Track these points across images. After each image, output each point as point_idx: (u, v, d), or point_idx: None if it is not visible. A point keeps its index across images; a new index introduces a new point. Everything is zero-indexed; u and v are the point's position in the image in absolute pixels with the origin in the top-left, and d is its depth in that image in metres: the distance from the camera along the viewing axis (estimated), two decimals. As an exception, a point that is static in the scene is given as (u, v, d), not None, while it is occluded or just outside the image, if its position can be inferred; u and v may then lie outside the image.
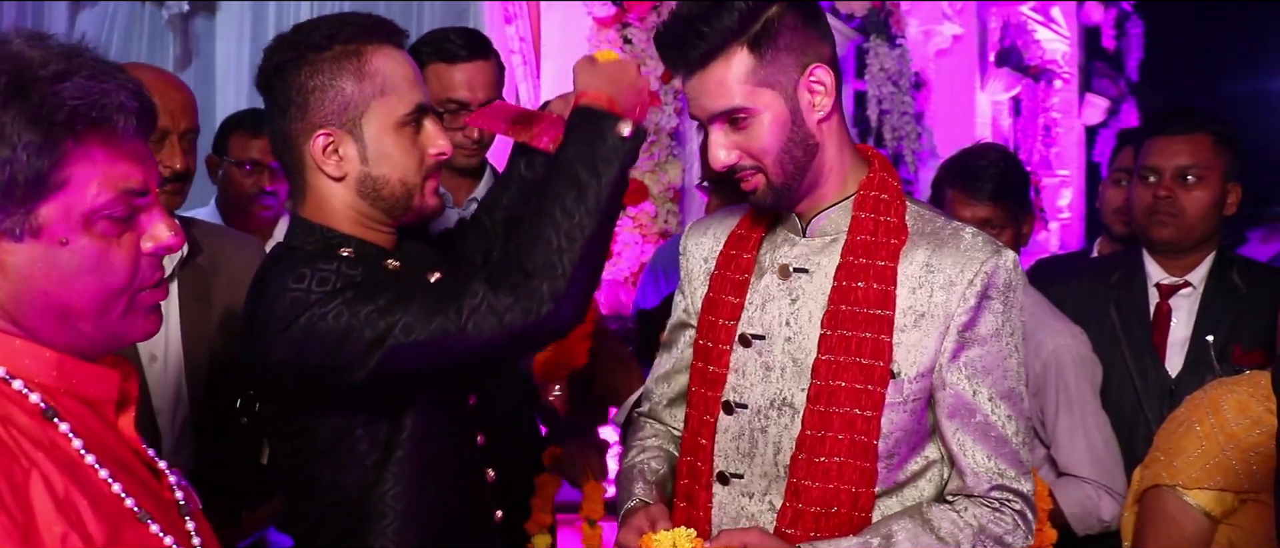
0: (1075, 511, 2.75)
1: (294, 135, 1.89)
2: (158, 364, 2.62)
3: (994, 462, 1.89)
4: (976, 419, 1.89)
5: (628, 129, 1.81)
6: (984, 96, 8.05)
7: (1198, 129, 3.03)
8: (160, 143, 2.57)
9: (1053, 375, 2.82)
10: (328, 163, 1.88)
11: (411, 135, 1.91)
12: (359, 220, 1.92)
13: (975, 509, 1.89)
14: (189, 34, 5.91)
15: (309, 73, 1.86)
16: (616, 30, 4.64)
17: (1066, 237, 8.85)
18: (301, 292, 1.76)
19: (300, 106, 1.87)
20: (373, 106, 1.87)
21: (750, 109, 1.85)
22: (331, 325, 1.74)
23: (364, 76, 1.87)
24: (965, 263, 1.88)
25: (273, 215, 4.01)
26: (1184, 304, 3.07)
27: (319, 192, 1.92)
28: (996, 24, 8.13)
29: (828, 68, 1.89)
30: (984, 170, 2.91)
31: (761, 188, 1.91)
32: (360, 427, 1.85)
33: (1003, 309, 1.89)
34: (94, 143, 1.28)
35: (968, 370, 1.88)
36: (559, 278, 1.75)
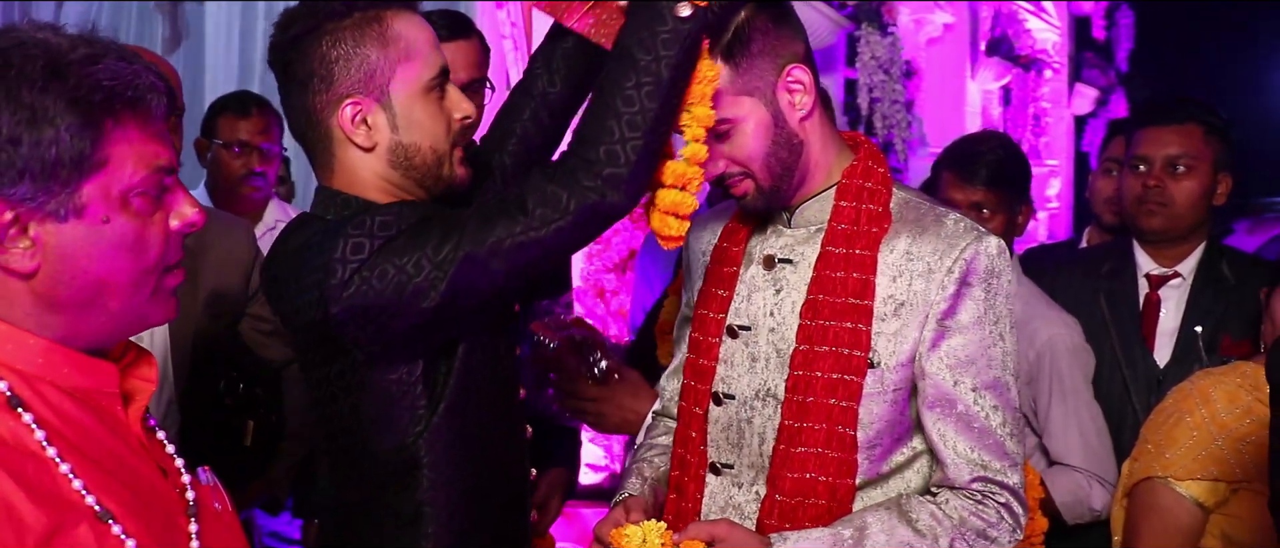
0: (1066, 499, 2.76)
1: (318, 108, 1.82)
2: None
3: (976, 453, 1.86)
4: (958, 410, 1.86)
5: (687, 9, 1.71)
6: (974, 85, 8.05)
7: (1188, 119, 3.04)
8: None
9: (1047, 365, 2.82)
10: (357, 133, 1.81)
11: (437, 100, 1.85)
12: (391, 191, 1.85)
13: (957, 501, 1.86)
14: (177, 17, 5.88)
15: (330, 42, 1.79)
16: (608, 16, 4.62)
17: (1055, 226, 8.88)
18: (364, 235, 1.70)
19: (324, 78, 1.80)
20: (398, 73, 1.81)
21: (732, 119, 1.83)
22: (401, 254, 1.68)
23: (387, 42, 1.80)
24: (945, 249, 1.85)
25: (262, 197, 4.01)
26: (1173, 295, 3.08)
27: (348, 164, 1.84)
28: (987, 13, 8.14)
29: (804, 66, 1.87)
30: (981, 156, 2.91)
31: (751, 193, 1.90)
32: (411, 383, 1.80)
33: (985, 296, 1.86)
34: (130, 123, 1.31)
35: (949, 360, 1.85)
36: (622, 166, 1.70)
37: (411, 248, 1.69)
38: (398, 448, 1.80)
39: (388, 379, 1.79)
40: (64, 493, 1.25)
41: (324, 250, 1.72)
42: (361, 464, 1.84)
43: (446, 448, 1.82)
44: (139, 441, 1.40)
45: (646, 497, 2.03)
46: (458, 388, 1.83)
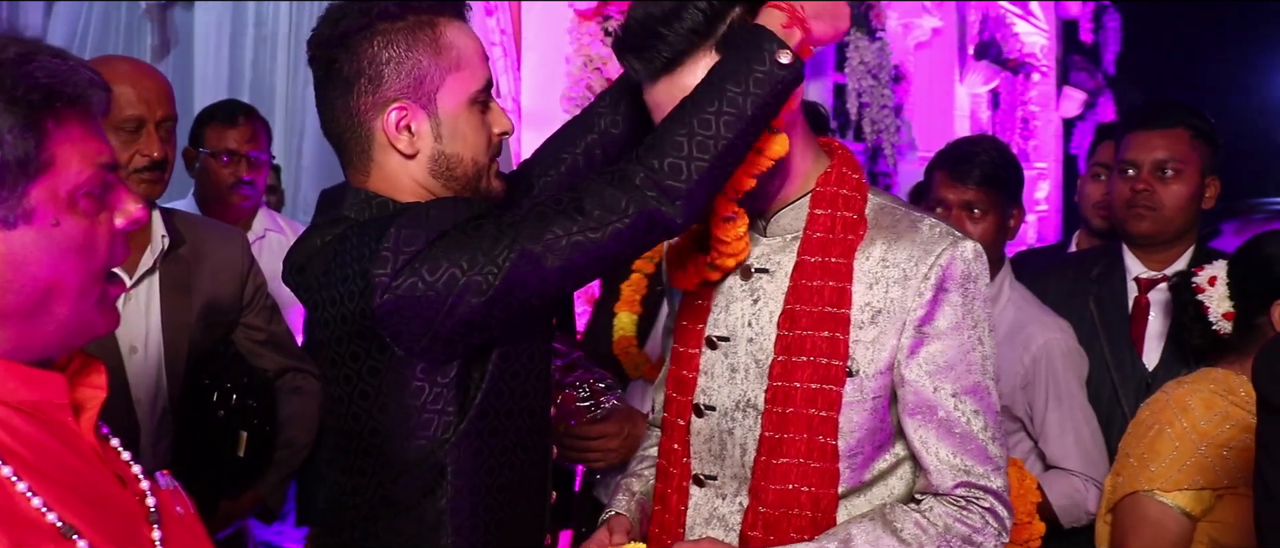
0: (1063, 503, 2.76)
1: (362, 109, 1.77)
2: (138, 355, 2.62)
3: (959, 458, 1.83)
4: (939, 416, 1.83)
5: (787, 57, 1.67)
6: (963, 89, 8.08)
7: (1176, 123, 3.05)
8: (137, 132, 2.56)
9: (1042, 369, 2.83)
10: (400, 139, 1.77)
11: (480, 113, 1.82)
12: (427, 199, 1.80)
13: (941, 509, 1.83)
14: (166, 25, 5.86)
15: (382, 43, 1.75)
16: (598, 22, 4.63)
17: (1043, 229, 8.91)
18: (418, 226, 1.66)
19: (372, 79, 1.75)
20: (448, 82, 1.78)
21: None
22: (455, 249, 1.64)
23: (439, 50, 1.77)
24: (920, 256, 1.82)
25: (251, 205, 4.00)
26: (1162, 298, 3.09)
27: (387, 169, 1.80)
28: (975, 17, 8.16)
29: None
30: (974, 157, 2.92)
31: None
32: (444, 386, 1.75)
33: (962, 301, 1.83)
34: (72, 121, 1.27)
35: (927, 367, 1.83)
36: (682, 181, 1.66)
37: (466, 245, 1.65)
38: (425, 453, 1.76)
39: (421, 381, 1.73)
40: (23, 512, 1.20)
41: (370, 240, 1.67)
42: (383, 467, 1.79)
43: (474, 456, 1.78)
44: (93, 451, 1.35)
45: (633, 513, 2.02)
46: (490, 395, 1.78)
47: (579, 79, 4.57)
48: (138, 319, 2.64)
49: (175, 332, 2.67)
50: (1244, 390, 2.34)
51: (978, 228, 2.87)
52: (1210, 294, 2.59)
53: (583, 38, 4.61)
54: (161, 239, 2.68)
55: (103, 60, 2.77)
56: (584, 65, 4.61)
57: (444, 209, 1.70)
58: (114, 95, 2.52)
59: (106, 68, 2.63)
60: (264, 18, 5.96)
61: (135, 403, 2.61)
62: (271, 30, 5.95)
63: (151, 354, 2.64)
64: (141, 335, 2.64)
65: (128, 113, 2.55)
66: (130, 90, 2.56)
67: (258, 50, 5.96)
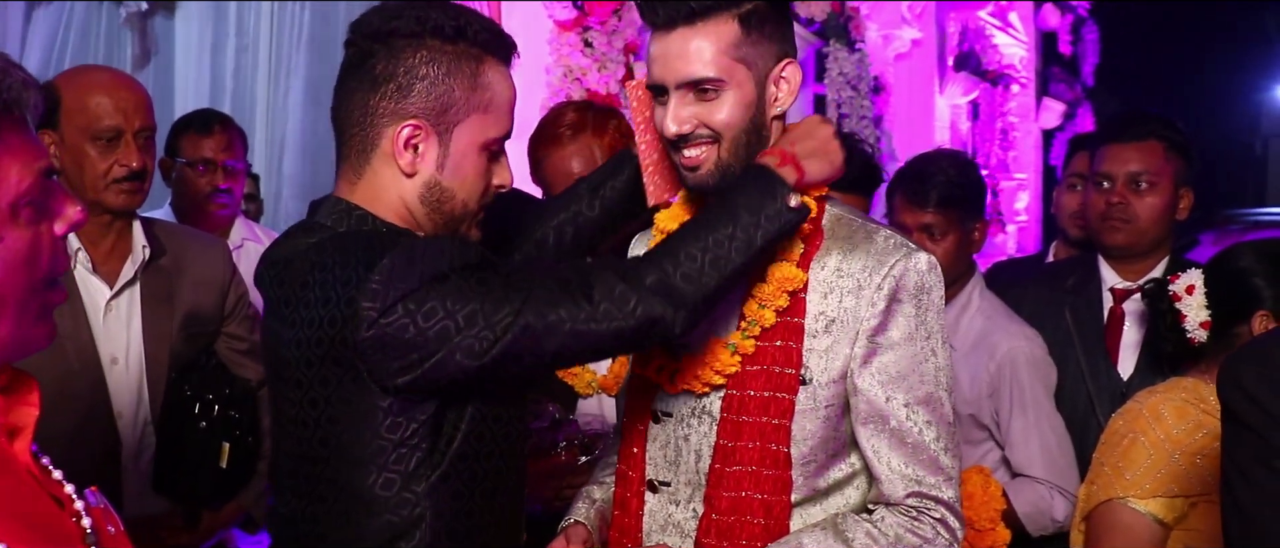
0: (1028, 511, 2.77)
1: (379, 112, 1.75)
2: (119, 366, 2.62)
3: (911, 468, 1.84)
4: (891, 426, 1.85)
5: (795, 201, 1.76)
6: (942, 100, 8.11)
7: (1149, 136, 3.07)
8: (115, 142, 2.56)
9: (1007, 377, 2.85)
10: (403, 156, 1.75)
11: (488, 160, 1.81)
12: (408, 221, 1.79)
13: (893, 519, 1.84)
14: (147, 33, 5.83)
15: (425, 58, 1.73)
16: (577, 33, 4.64)
17: (1023, 239, 8.95)
18: (412, 261, 1.62)
19: (402, 87, 1.73)
20: (472, 119, 1.76)
21: (722, 82, 1.82)
22: (453, 298, 1.61)
23: (475, 86, 1.76)
24: (874, 266, 1.84)
25: (228, 214, 4.00)
26: (1137, 308, 3.11)
27: (379, 180, 1.77)
28: (955, 29, 8.20)
29: (796, 67, 1.89)
30: (931, 178, 2.94)
31: (710, 164, 1.85)
32: (416, 427, 1.71)
33: (915, 312, 1.84)
34: (9, 129, 1.23)
35: (880, 377, 1.84)
36: (693, 290, 1.71)
37: (466, 296, 1.62)
38: (395, 493, 1.71)
39: (393, 417, 1.69)
40: None
41: (355, 264, 1.63)
42: (347, 500, 1.73)
43: (452, 500, 1.74)
44: (30, 473, 1.31)
45: (592, 521, 2.03)
46: (468, 439, 1.76)
47: (559, 89, 4.58)
48: (118, 330, 2.64)
49: (156, 343, 2.66)
50: (1215, 399, 2.35)
51: (939, 248, 2.89)
52: (1187, 302, 2.61)
53: (563, 48, 4.62)
54: (142, 249, 2.67)
55: (79, 70, 2.77)
56: (564, 76, 4.61)
57: (441, 249, 1.67)
58: (92, 105, 2.54)
59: (83, 78, 2.64)
60: (245, 27, 5.94)
61: (117, 416, 2.60)
62: (253, 39, 5.92)
63: (133, 366, 2.64)
64: (123, 347, 2.63)
65: (106, 123, 2.55)
66: (108, 100, 2.56)
67: (239, 59, 5.94)
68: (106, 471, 2.58)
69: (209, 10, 5.94)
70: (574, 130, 2.77)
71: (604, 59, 4.62)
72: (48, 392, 2.49)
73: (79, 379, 2.55)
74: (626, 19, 4.69)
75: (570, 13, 4.63)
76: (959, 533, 1.87)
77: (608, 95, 4.60)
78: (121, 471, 2.61)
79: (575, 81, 4.59)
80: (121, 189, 2.58)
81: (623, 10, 4.66)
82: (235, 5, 5.94)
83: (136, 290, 2.67)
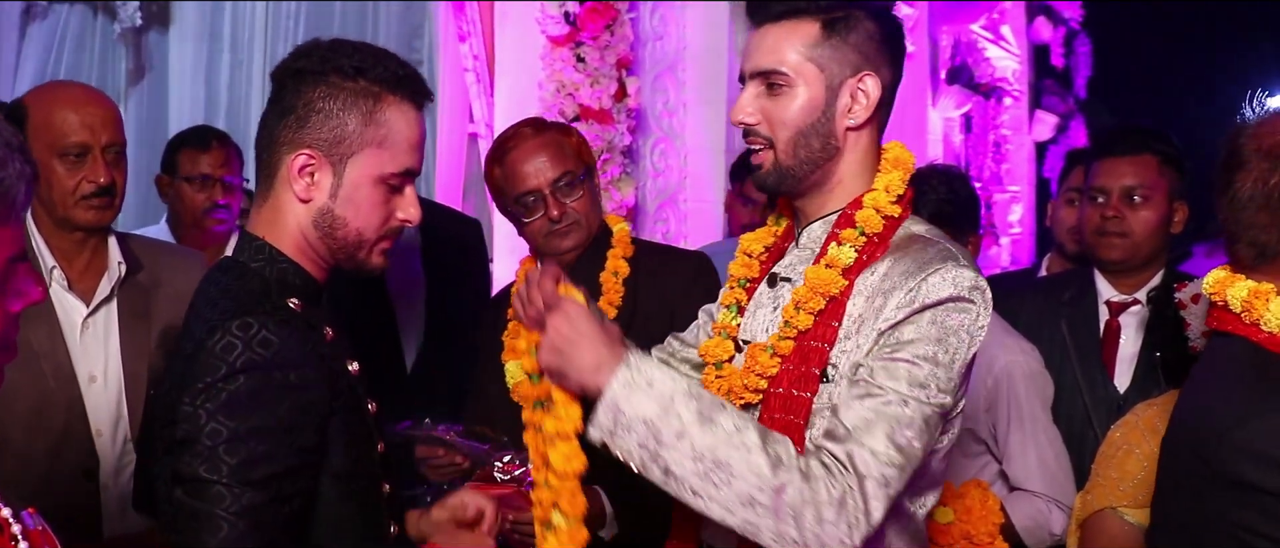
0: (1026, 524, 2.77)
1: (280, 141, 1.85)
2: (97, 384, 2.59)
3: (861, 427, 1.75)
4: (864, 390, 1.79)
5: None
6: (935, 113, 8.11)
7: (1143, 150, 3.09)
8: (82, 158, 2.55)
9: (1004, 391, 2.85)
10: (298, 182, 1.83)
11: (387, 193, 1.88)
12: (304, 247, 1.88)
13: (815, 460, 1.74)
14: (142, 47, 5.84)
15: (324, 93, 1.82)
16: (570, 48, 4.64)
17: (1017, 252, 8.94)
18: (241, 347, 1.69)
19: (299, 119, 1.82)
20: (366, 153, 1.84)
21: (790, 78, 1.89)
22: (244, 425, 1.67)
23: (371, 121, 1.84)
24: (914, 271, 1.83)
25: (226, 230, 4.00)
26: (1132, 321, 3.12)
27: (279, 205, 1.87)
28: (947, 42, 8.20)
29: (879, 83, 1.92)
30: (922, 195, 2.93)
31: (768, 164, 1.94)
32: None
33: (932, 319, 1.80)
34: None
35: (880, 360, 1.80)
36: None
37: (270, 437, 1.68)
38: None
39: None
40: None
41: (213, 341, 1.70)
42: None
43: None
44: None
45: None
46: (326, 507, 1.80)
47: (552, 104, 4.58)
48: (96, 348, 2.62)
49: (135, 360, 2.64)
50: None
51: None
52: (1192, 311, 2.62)
53: (555, 64, 4.62)
54: (118, 266, 2.66)
55: (48, 86, 2.77)
56: (557, 91, 4.61)
57: (268, 340, 1.71)
58: (58, 121, 2.53)
59: (51, 94, 2.63)
60: (240, 43, 5.94)
61: (95, 434, 2.58)
62: (247, 55, 5.93)
63: (111, 383, 2.62)
64: (101, 364, 2.61)
65: (73, 139, 2.54)
66: (74, 117, 2.55)
67: (233, 75, 5.94)
68: (85, 489, 2.56)
69: (203, 25, 5.94)
70: (537, 129, 2.81)
71: (597, 74, 4.62)
72: (25, 411, 2.50)
73: (56, 398, 2.53)
74: (619, 34, 4.69)
75: (563, 28, 4.63)
76: (870, 518, 1.73)
77: (600, 110, 4.60)
78: (101, 489, 2.59)
79: (568, 97, 4.59)
80: (90, 205, 2.57)
81: (615, 25, 4.66)
82: (230, 20, 5.95)
83: (113, 307, 2.65)
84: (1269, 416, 1.64)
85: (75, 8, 5.64)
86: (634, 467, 1.75)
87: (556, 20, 4.64)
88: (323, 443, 1.76)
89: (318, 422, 1.75)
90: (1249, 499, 1.63)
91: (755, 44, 1.94)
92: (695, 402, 1.74)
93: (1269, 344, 1.74)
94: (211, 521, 1.63)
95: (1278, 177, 1.75)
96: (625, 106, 4.71)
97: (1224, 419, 1.70)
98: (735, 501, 1.70)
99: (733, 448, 1.71)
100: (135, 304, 2.67)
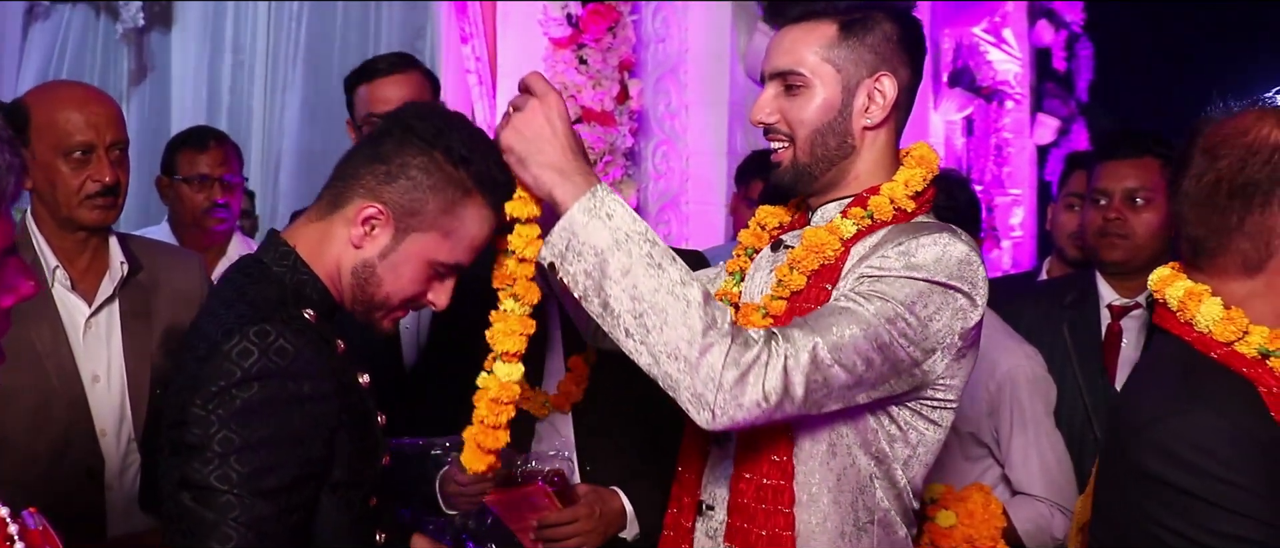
0: (1028, 528, 2.77)
1: (361, 183, 1.84)
2: (101, 384, 2.59)
3: (812, 320, 1.79)
4: (830, 304, 1.83)
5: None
6: (937, 116, 8.11)
7: (1145, 152, 3.09)
8: (87, 157, 2.54)
9: (1007, 395, 2.85)
10: (357, 229, 1.84)
11: (430, 276, 1.89)
12: (332, 278, 1.88)
13: (746, 329, 1.77)
14: (144, 47, 5.85)
15: (424, 164, 1.83)
16: (572, 50, 4.64)
17: (1018, 255, 8.94)
18: (257, 354, 1.69)
19: (389, 174, 1.83)
20: (430, 238, 1.85)
21: (807, 78, 1.93)
22: (255, 434, 1.67)
23: (450, 212, 1.84)
24: (912, 233, 1.87)
25: (226, 229, 4.00)
26: (1134, 325, 3.12)
27: (329, 231, 1.87)
28: (949, 45, 8.20)
29: (896, 84, 1.95)
30: None
31: (786, 162, 1.98)
32: None
33: (908, 267, 1.82)
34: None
35: (851, 293, 1.83)
36: None
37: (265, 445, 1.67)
38: None
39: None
40: None
41: (230, 345, 1.69)
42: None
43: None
44: None
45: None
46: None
47: (554, 106, 4.59)
48: (99, 348, 2.61)
49: (138, 359, 2.64)
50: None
51: None
52: None
53: (557, 66, 4.62)
54: (121, 266, 2.66)
55: (50, 86, 2.76)
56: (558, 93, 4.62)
57: (285, 348, 1.71)
58: (63, 121, 2.52)
59: (54, 94, 2.62)
60: (242, 42, 5.95)
61: (100, 434, 2.58)
62: (249, 55, 5.94)
63: (115, 383, 2.62)
64: (104, 364, 2.61)
65: (77, 139, 2.53)
66: (78, 116, 2.54)
67: (235, 74, 5.95)
68: (89, 489, 2.56)
69: (206, 26, 5.95)
70: None
71: (599, 76, 4.63)
72: (28, 411, 2.49)
73: (60, 398, 2.53)
74: (621, 36, 4.70)
75: (565, 30, 4.64)
76: (791, 391, 1.75)
77: (602, 112, 4.61)
78: (105, 489, 2.59)
79: (570, 99, 4.60)
80: (95, 205, 2.56)
81: (617, 27, 4.67)
82: (232, 21, 5.95)
83: (115, 307, 2.65)
84: (1182, 415, 1.66)
85: (78, 8, 5.66)
86: (577, 293, 1.76)
87: (559, 22, 4.64)
88: (329, 456, 1.76)
89: (326, 435, 1.75)
90: (1154, 490, 1.66)
91: (775, 45, 1.98)
92: (650, 246, 1.74)
93: (1198, 344, 1.75)
94: (220, 530, 1.64)
95: (1212, 174, 1.76)
96: (627, 109, 4.72)
97: (1143, 414, 1.73)
98: (663, 350, 1.72)
99: (673, 298, 1.72)
100: (137, 304, 2.67)
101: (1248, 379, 1.69)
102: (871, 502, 1.94)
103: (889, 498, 1.95)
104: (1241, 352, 1.72)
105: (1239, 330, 1.72)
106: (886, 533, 1.95)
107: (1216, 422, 1.64)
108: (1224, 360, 1.72)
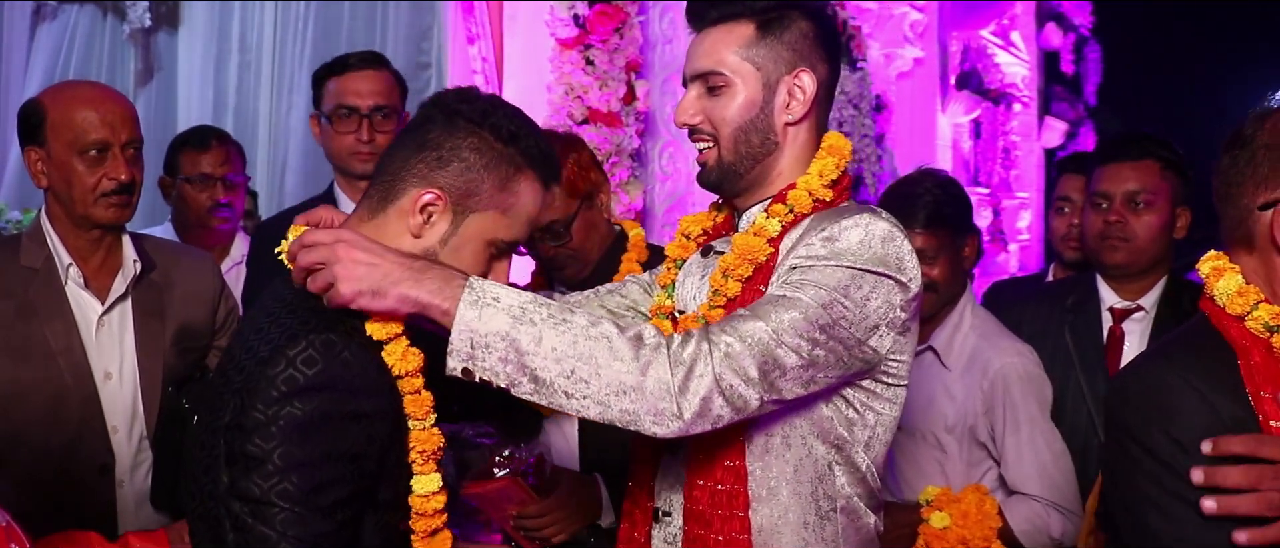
0: (1024, 527, 2.75)
1: (413, 172, 1.83)
2: (113, 381, 2.61)
3: (741, 314, 1.79)
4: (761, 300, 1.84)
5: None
6: (944, 119, 8.11)
7: (1145, 155, 3.09)
8: (103, 156, 2.57)
9: (999, 394, 2.83)
10: (416, 217, 1.82)
11: (490, 257, 1.88)
12: None
13: (671, 336, 1.77)
14: (150, 48, 5.85)
15: (474, 144, 1.82)
16: (579, 51, 4.65)
17: (1026, 258, 8.94)
18: (321, 363, 1.66)
19: (441, 159, 1.82)
20: (490, 213, 1.84)
21: (728, 78, 1.97)
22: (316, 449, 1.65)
23: (506, 189, 1.84)
24: (834, 218, 1.89)
25: (230, 229, 4.02)
26: (1136, 327, 3.12)
27: (386, 228, 1.84)
28: (957, 48, 8.21)
29: (815, 79, 1.99)
30: (917, 199, 2.93)
31: (711, 162, 2.02)
32: None
33: (833, 254, 1.84)
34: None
35: (782, 284, 1.85)
36: None
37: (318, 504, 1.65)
38: None
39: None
40: None
41: (295, 352, 1.66)
42: None
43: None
44: None
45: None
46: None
47: (560, 107, 4.59)
48: (112, 345, 2.64)
49: (150, 357, 2.66)
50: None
51: (934, 271, 2.87)
52: None
53: (564, 67, 4.63)
54: (134, 264, 2.68)
55: (65, 85, 2.78)
56: (565, 94, 4.62)
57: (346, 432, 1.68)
58: (79, 120, 2.54)
59: (69, 93, 2.65)
60: (248, 43, 5.95)
61: (111, 431, 2.60)
62: (256, 55, 5.94)
63: (127, 381, 2.64)
64: (116, 362, 2.64)
65: (92, 137, 2.56)
66: (94, 114, 2.56)
67: (242, 75, 5.95)
68: (101, 486, 2.59)
69: (212, 26, 5.95)
70: None
71: (605, 77, 4.63)
72: (41, 408, 2.52)
73: (72, 395, 2.56)
74: (628, 37, 4.70)
75: (572, 31, 4.64)
76: (736, 393, 1.75)
77: (609, 113, 4.61)
78: (116, 485, 2.61)
79: (577, 99, 4.60)
80: (110, 203, 2.59)
81: (624, 28, 4.67)
82: (238, 21, 5.95)
83: (128, 305, 2.67)
84: (1144, 364, 1.76)
85: (84, 8, 5.66)
86: (501, 383, 1.71)
87: (566, 23, 4.65)
88: (379, 473, 1.74)
89: (380, 453, 1.73)
90: (1116, 435, 1.74)
91: (695, 48, 2.01)
92: (544, 308, 1.72)
93: (1214, 318, 1.79)
94: (280, 547, 1.63)
95: (1228, 166, 1.82)
96: (634, 110, 4.72)
97: (1133, 380, 1.79)
98: (608, 392, 1.70)
99: (592, 341, 1.70)
100: (149, 303, 2.70)
101: (1234, 349, 1.72)
102: (832, 490, 1.94)
103: (851, 484, 1.96)
104: (1250, 327, 1.74)
105: (1249, 304, 1.75)
106: (851, 520, 1.96)
107: (1164, 371, 1.71)
108: (1229, 332, 1.75)
